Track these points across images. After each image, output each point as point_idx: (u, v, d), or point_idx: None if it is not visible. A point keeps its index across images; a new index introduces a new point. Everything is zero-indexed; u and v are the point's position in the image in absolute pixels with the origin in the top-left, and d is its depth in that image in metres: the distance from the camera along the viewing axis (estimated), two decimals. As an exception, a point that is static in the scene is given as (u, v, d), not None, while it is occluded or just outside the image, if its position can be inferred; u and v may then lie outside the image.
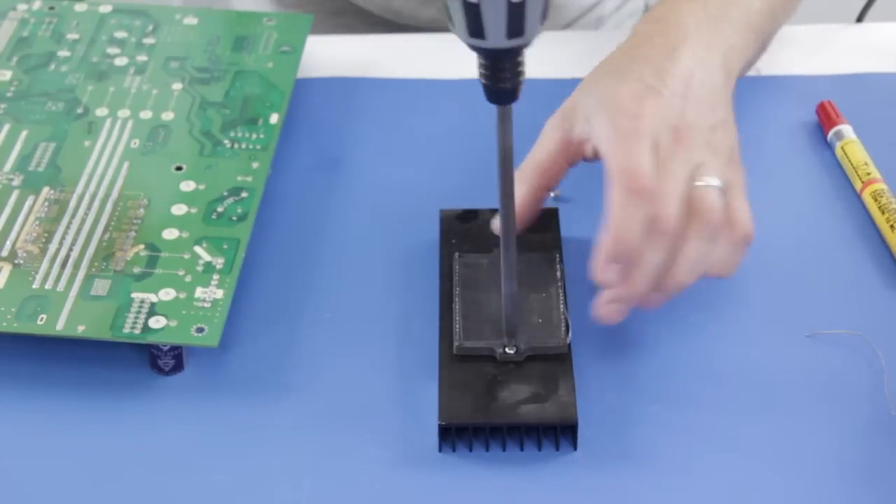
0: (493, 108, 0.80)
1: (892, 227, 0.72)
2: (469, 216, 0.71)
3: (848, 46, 0.85)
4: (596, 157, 0.66)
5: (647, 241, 0.62)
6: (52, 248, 0.68)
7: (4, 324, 0.64)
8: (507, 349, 0.64)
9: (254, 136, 0.75)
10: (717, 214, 0.63)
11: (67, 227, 0.69)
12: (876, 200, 0.73)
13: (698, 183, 0.63)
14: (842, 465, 0.62)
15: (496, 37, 0.56)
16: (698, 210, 0.63)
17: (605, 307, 0.64)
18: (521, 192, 0.67)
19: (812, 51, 0.85)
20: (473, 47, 0.56)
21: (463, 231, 0.71)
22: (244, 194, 0.71)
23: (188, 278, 0.67)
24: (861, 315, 0.68)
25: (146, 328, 0.64)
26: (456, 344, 0.64)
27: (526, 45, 0.56)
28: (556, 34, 0.89)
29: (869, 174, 0.74)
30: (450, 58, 0.84)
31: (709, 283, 0.70)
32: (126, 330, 0.64)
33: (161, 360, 0.65)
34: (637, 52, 0.68)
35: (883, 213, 0.72)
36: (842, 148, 0.76)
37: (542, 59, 0.84)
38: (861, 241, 0.72)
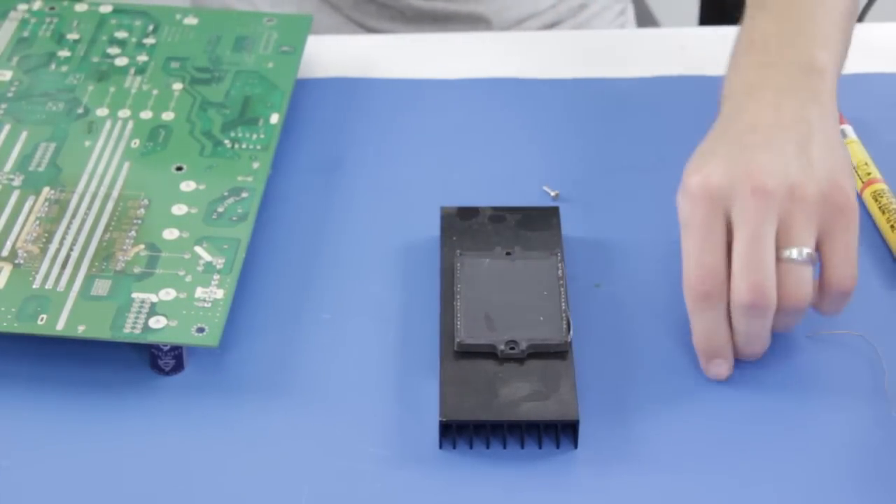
0: (492, 109, 0.81)
1: (892, 227, 0.72)
2: (470, 213, 0.71)
3: (848, 47, 0.85)
4: None
5: (737, 314, 0.62)
6: (53, 248, 0.68)
7: (5, 324, 0.64)
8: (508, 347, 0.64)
9: (254, 136, 0.75)
10: (801, 300, 0.62)
11: (68, 227, 0.69)
12: (876, 200, 0.73)
13: (784, 254, 0.61)
14: (842, 464, 0.62)
15: None
16: (783, 296, 0.61)
17: (709, 368, 0.65)
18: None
19: (812, 51, 0.85)
20: None
21: (463, 228, 0.71)
22: (244, 194, 0.71)
23: (188, 278, 0.67)
24: (861, 315, 0.68)
25: (146, 328, 0.64)
26: (457, 341, 0.64)
27: None
28: (553, 34, 0.89)
29: (869, 174, 0.74)
30: (450, 58, 0.84)
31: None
32: (126, 330, 0.64)
33: (161, 360, 0.65)
34: (716, 120, 0.66)
35: (883, 213, 0.72)
36: (842, 148, 0.76)
37: (538, 59, 0.84)
38: (861, 241, 0.72)
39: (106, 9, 0.83)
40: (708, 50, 0.86)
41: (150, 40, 0.81)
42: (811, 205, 0.61)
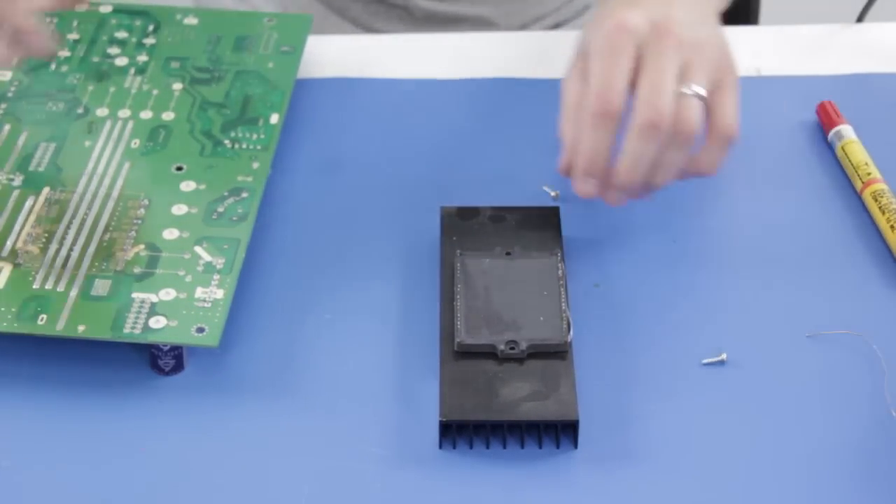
0: (492, 109, 0.81)
1: (892, 227, 0.72)
2: (469, 213, 0.71)
3: (848, 46, 0.85)
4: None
5: (636, 132, 0.66)
6: (53, 248, 0.68)
7: (5, 324, 0.64)
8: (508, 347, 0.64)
9: (254, 136, 0.75)
10: (689, 126, 0.67)
11: (68, 228, 0.69)
12: (876, 200, 0.73)
13: (683, 89, 0.67)
14: (842, 465, 0.62)
15: None
16: (678, 120, 0.67)
17: (582, 184, 0.68)
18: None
19: (812, 51, 0.85)
20: None
21: (463, 228, 0.71)
22: (244, 194, 0.71)
23: (188, 278, 0.67)
24: (861, 315, 0.68)
25: (146, 328, 0.64)
26: (457, 340, 0.64)
27: None
28: (553, 34, 0.89)
29: (869, 174, 0.74)
30: (450, 58, 0.84)
31: (710, 282, 0.70)
32: (126, 330, 0.64)
33: (161, 360, 0.65)
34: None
35: (883, 213, 0.72)
36: (842, 148, 0.76)
37: (539, 59, 0.84)
38: (861, 241, 0.72)
39: (106, 9, 0.83)
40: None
41: (150, 40, 0.81)
42: (710, 61, 0.68)
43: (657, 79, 0.66)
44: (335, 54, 0.84)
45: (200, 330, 0.64)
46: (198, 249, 0.68)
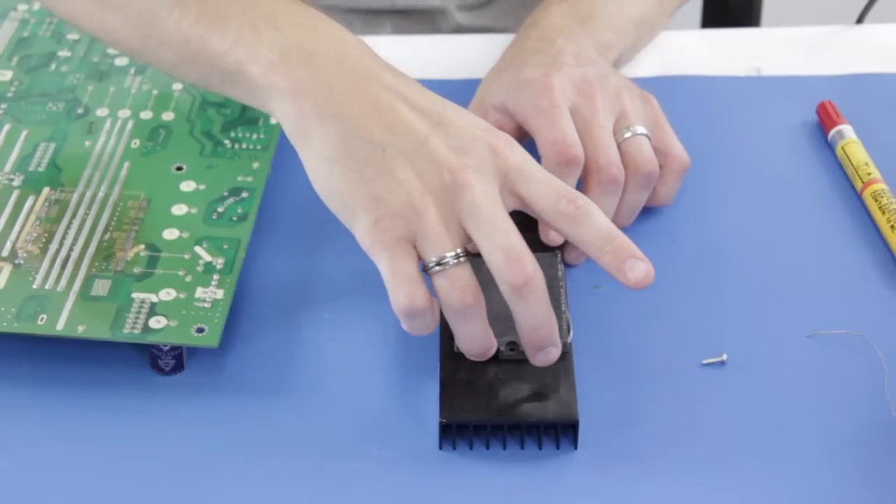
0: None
1: (892, 227, 0.72)
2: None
3: (848, 47, 0.85)
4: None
5: (599, 191, 0.70)
6: (53, 248, 0.68)
7: (5, 324, 0.64)
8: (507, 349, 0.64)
9: (254, 136, 0.75)
10: (651, 164, 0.71)
11: (68, 228, 0.69)
12: (876, 200, 0.73)
13: (627, 135, 0.71)
14: (842, 464, 0.62)
15: None
16: (634, 164, 0.71)
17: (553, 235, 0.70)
18: None
19: (812, 51, 0.85)
20: None
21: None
22: (244, 194, 0.71)
23: (188, 278, 0.67)
24: (861, 315, 0.68)
25: (146, 328, 0.64)
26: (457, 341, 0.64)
27: None
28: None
29: (869, 174, 0.74)
30: (449, 58, 0.84)
31: (710, 282, 0.70)
32: (126, 330, 0.64)
33: (161, 360, 0.65)
34: (523, 50, 0.76)
35: (883, 213, 0.72)
36: (842, 148, 0.76)
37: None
38: (861, 241, 0.72)
39: (106, 9, 0.83)
40: (708, 51, 0.86)
41: (150, 40, 0.81)
42: (638, 105, 0.73)
43: (601, 136, 0.71)
44: (335, 54, 0.84)
45: (200, 330, 0.64)
46: (198, 249, 0.68)
